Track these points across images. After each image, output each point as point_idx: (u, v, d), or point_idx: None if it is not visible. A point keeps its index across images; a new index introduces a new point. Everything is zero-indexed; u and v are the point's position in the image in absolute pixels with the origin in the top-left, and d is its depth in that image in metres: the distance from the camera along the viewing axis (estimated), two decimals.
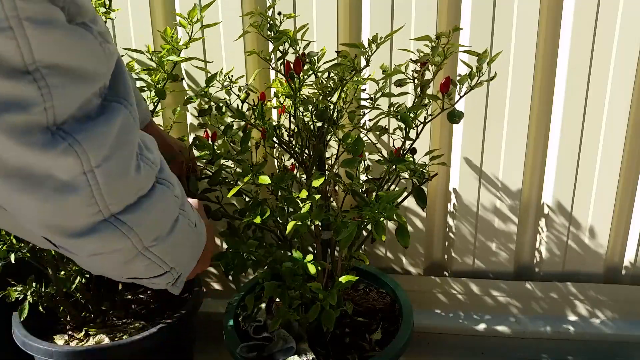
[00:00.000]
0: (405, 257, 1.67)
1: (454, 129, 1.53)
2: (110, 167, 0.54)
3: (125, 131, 0.55)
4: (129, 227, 0.59)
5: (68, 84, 0.50)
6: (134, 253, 0.62)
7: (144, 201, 0.60)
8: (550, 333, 1.64)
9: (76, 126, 0.51)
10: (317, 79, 1.15)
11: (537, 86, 1.47)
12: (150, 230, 0.62)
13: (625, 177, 1.54)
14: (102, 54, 0.53)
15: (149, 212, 0.61)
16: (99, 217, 0.56)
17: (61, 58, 0.48)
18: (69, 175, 0.52)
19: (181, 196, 0.69)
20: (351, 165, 1.09)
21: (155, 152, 0.63)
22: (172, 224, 0.66)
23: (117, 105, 0.55)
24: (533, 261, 1.67)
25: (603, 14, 1.37)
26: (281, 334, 1.21)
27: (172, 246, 0.67)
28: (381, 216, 0.94)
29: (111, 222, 0.57)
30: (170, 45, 1.27)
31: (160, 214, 0.63)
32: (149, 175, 0.61)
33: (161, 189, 0.63)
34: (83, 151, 0.51)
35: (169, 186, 0.65)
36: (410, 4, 1.39)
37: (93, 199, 0.54)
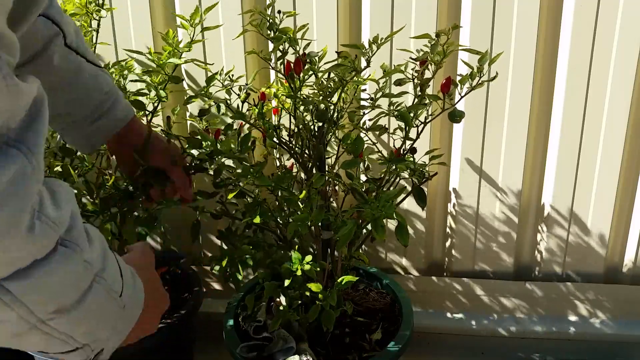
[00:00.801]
0: (405, 257, 1.67)
1: (454, 129, 1.53)
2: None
3: (18, 183, 0.47)
4: (13, 297, 0.50)
5: None
6: (25, 326, 0.53)
7: (39, 266, 0.52)
8: (550, 333, 1.64)
9: None
10: (317, 79, 1.15)
11: (537, 86, 1.47)
12: (45, 301, 0.53)
13: (625, 177, 1.54)
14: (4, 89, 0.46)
15: (45, 280, 0.52)
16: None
17: None
18: None
19: (100, 260, 0.60)
20: (351, 167, 1.09)
21: (64, 209, 0.55)
22: (81, 293, 0.57)
23: (15, 152, 0.48)
24: (533, 261, 1.67)
25: (603, 14, 1.37)
26: (281, 334, 1.21)
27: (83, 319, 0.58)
28: (380, 214, 0.94)
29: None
30: (171, 47, 1.27)
31: (62, 281, 0.54)
32: (47, 236, 0.52)
33: (65, 252, 0.54)
34: None
35: (75, 249, 0.55)
36: (410, 4, 1.39)
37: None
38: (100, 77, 1.05)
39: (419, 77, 1.11)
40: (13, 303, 0.51)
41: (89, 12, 1.32)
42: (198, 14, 1.26)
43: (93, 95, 1.04)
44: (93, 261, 0.59)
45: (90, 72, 1.02)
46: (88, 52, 1.03)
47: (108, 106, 1.06)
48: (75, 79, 1.01)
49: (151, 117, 1.35)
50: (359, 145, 1.09)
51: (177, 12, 1.47)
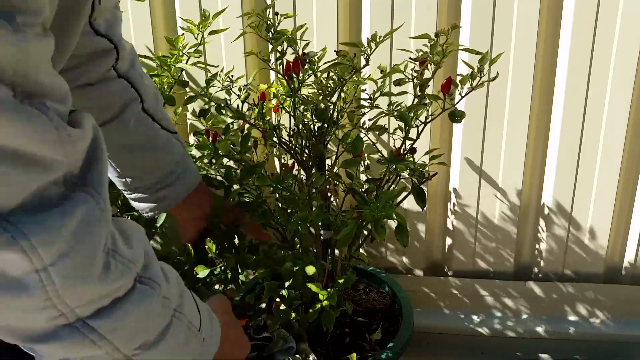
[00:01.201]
0: (406, 257, 1.67)
1: (454, 129, 1.53)
2: (66, 266, 0.48)
3: (89, 225, 0.49)
4: (100, 335, 0.52)
5: (14, 171, 0.44)
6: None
7: (120, 305, 0.54)
8: (550, 333, 1.64)
9: (24, 218, 0.45)
10: (316, 78, 1.15)
11: (537, 86, 1.47)
12: (130, 337, 0.55)
13: (625, 177, 1.54)
14: (58, 139, 0.47)
15: (127, 318, 0.54)
16: (61, 321, 0.50)
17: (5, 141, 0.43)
18: (19, 272, 0.46)
19: (177, 296, 0.62)
20: (351, 166, 1.09)
21: (137, 248, 0.57)
22: (162, 329, 0.59)
23: (82, 196, 0.49)
24: (533, 261, 1.67)
25: (603, 14, 1.37)
26: (281, 334, 1.21)
27: (165, 353, 0.59)
28: (380, 215, 0.94)
29: (78, 327, 0.51)
30: (179, 51, 1.27)
31: (143, 318, 0.56)
32: (123, 274, 0.54)
33: (143, 290, 0.56)
34: (31, 247, 0.45)
35: (154, 287, 0.57)
36: (410, 3, 1.39)
37: (49, 301, 0.48)
38: (173, 145, 1.03)
39: (419, 77, 1.11)
40: (100, 341, 0.52)
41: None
42: (207, 22, 1.26)
43: (163, 163, 1.02)
44: (171, 297, 0.60)
45: (163, 140, 1.01)
46: (164, 118, 1.01)
47: (176, 176, 1.05)
48: (148, 146, 0.99)
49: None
50: (358, 145, 1.09)
51: (177, 14, 1.47)
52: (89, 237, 0.49)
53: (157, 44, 1.50)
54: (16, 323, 0.50)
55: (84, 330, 0.51)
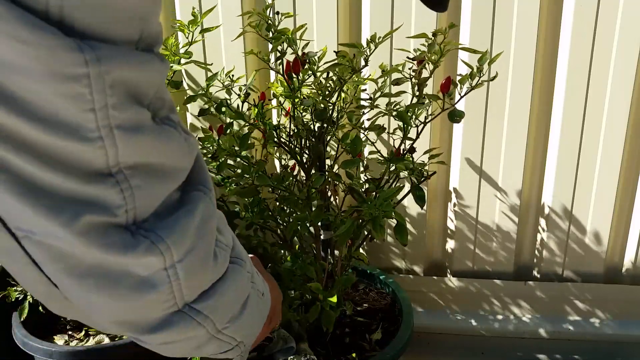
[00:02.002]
0: (405, 257, 1.67)
1: (454, 129, 1.53)
2: (192, 260, 0.51)
3: (206, 219, 0.53)
4: (204, 316, 0.56)
5: (151, 184, 0.48)
6: (207, 338, 0.59)
7: (218, 286, 0.57)
8: (550, 333, 1.64)
9: (158, 223, 0.49)
10: (316, 79, 1.15)
11: (537, 86, 1.47)
12: (224, 313, 0.59)
13: (625, 177, 1.54)
14: (187, 149, 0.51)
15: (224, 296, 0.58)
16: (173, 309, 0.53)
17: (147, 159, 0.47)
18: (148, 272, 0.49)
19: (251, 268, 0.66)
20: (351, 166, 1.09)
21: (227, 232, 0.60)
22: (244, 301, 0.63)
23: (197, 194, 0.53)
24: (533, 261, 1.67)
25: (603, 14, 1.37)
26: (281, 334, 1.21)
27: (244, 322, 0.64)
28: (379, 213, 0.94)
29: (185, 312, 0.54)
30: (170, 52, 1.27)
31: (234, 294, 0.61)
32: (225, 260, 0.58)
33: (234, 269, 0.60)
34: (167, 247, 0.49)
35: (241, 264, 0.61)
36: (410, 3, 1.40)
37: (171, 294, 0.52)
38: None
39: (417, 76, 1.12)
40: (204, 321, 0.56)
41: None
42: (197, 22, 1.25)
43: None
44: (251, 271, 0.64)
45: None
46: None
47: None
48: None
49: None
50: (357, 145, 1.09)
51: (177, 13, 1.47)
52: (207, 231, 0.54)
53: None
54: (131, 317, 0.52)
55: (191, 313, 0.54)
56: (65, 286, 0.48)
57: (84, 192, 0.44)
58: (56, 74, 0.39)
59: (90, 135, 0.42)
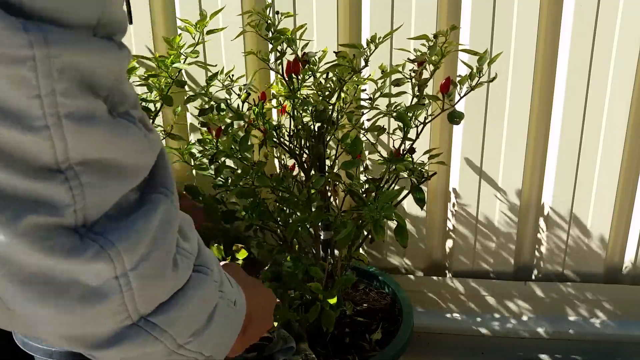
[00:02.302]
0: (406, 257, 1.67)
1: (454, 129, 1.53)
2: (146, 268, 0.47)
3: (166, 225, 0.49)
4: (161, 330, 0.51)
5: (105, 182, 0.44)
6: (165, 354, 0.53)
7: (179, 297, 0.52)
8: (550, 333, 1.64)
9: (109, 225, 0.44)
10: (315, 79, 1.15)
11: (537, 86, 1.47)
12: (186, 327, 0.54)
13: (625, 177, 1.54)
14: (147, 146, 0.47)
15: (185, 308, 0.53)
16: (126, 323, 0.48)
17: (100, 154, 0.43)
18: (98, 281, 0.45)
19: (220, 276, 0.60)
20: (351, 167, 1.09)
21: (192, 238, 0.55)
22: (210, 312, 0.57)
23: (158, 197, 0.48)
24: (533, 261, 1.67)
25: (603, 14, 1.37)
26: (281, 334, 1.21)
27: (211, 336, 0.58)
28: (379, 215, 0.94)
29: (140, 325, 0.49)
30: (176, 51, 1.27)
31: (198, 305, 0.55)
32: (187, 268, 0.53)
33: (198, 278, 0.54)
34: (117, 253, 0.44)
35: (207, 272, 0.56)
36: (410, 4, 1.39)
37: (123, 305, 0.47)
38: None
39: (417, 77, 1.12)
40: (161, 335, 0.51)
41: None
42: (204, 22, 1.25)
43: None
44: (218, 279, 0.59)
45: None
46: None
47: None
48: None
49: (154, 119, 1.35)
50: (357, 145, 1.09)
51: (177, 13, 1.47)
52: (166, 237, 0.49)
53: (157, 44, 1.50)
54: (80, 330, 0.48)
55: (146, 327, 0.50)
56: (7, 295, 0.44)
57: (29, 189, 0.40)
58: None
59: (36, 123, 0.38)
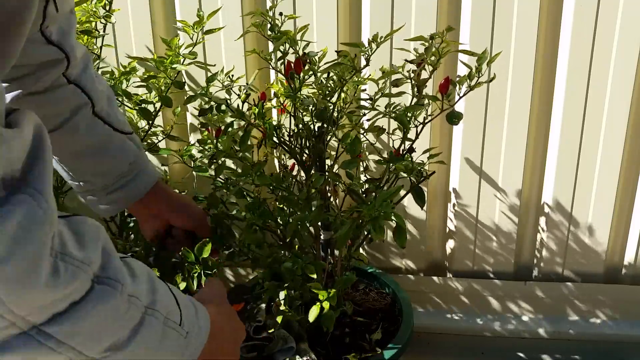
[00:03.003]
0: (406, 257, 1.67)
1: (454, 129, 1.53)
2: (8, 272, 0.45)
3: (28, 228, 0.47)
4: (57, 341, 0.50)
5: None
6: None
7: (77, 308, 0.51)
8: (550, 333, 1.64)
9: None
10: (316, 78, 1.15)
11: (537, 86, 1.47)
12: (93, 340, 0.53)
13: (625, 177, 1.54)
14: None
15: (88, 321, 0.52)
16: (13, 331, 0.48)
17: None
18: None
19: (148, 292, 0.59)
20: (350, 167, 1.09)
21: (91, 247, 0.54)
22: (131, 328, 0.57)
23: (21, 197, 0.47)
24: (533, 261, 1.67)
25: (603, 14, 1.37)
26: (281, 334, 1.21)
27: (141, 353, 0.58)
28: (378, 214, 0.93)
29: (32, 335, 0.49)
30: (174, 52, 1.27)
31: (107, 319, 0.54)
32: (75, 277, 0.51)
33: (103, 290, 0.53)
34: None
35: (115, 286, 0.55)
36: (410, 4, 1.40)
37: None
38: (126, 147, 1.01)
39: (416, 78, 1.12)
40: (59, 347, 0.50)
41: (97, 16, 1.33)
42: (202, 23, 1.25)
43: (115, 167, 1.00)
44: (139, 295, 0.58)
45: (116, 142, 0.99)
46: (117, 120, 1.00)
47: (130, 178, 1.02)
48: (99, 150, 0.98)
49: (154, 119, 1.35)
50: (356, 146, 1.09)
51: (177, 13, 1.47)
52: (30, 240, 0.47)
53: (157, 45, 1.50)
54: None
55: (39, 337, 0.49)
56: None
57: None
58: None
59: None
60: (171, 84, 1.30)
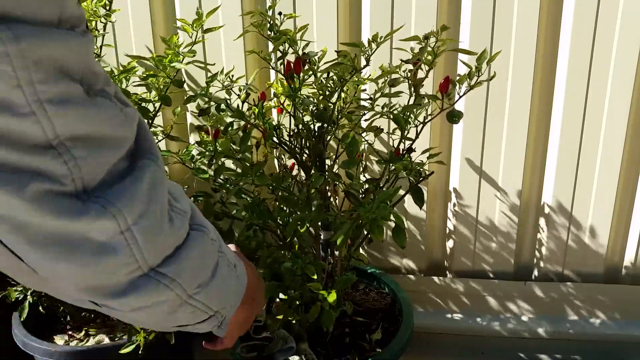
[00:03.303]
0: (406, 257, 1.67)
1: (454, 129, 1.53)
2: (146, 223, 0.54)
3: (156, 185, 0.56)
4: (170, 279, 0.58)
5: (94, 154, 0.50)
6: (178, 303, 0.61)
7: (181, 251, 0.60)
8: (550, 333, 1.64)
9: (107, 190, 0.52)
10: (316, 79, 1.15)
11: (537, 86, 1.47)
12: (192, 277, 0.62)
13: (625, 177, 1.54)
14: (124, 119, 0.54)
15: (189, 260, 0.60)
16: (138, 273, 0.56)
17: (84, 130, 0.49)
18: (106, 237, 0.52)
19: (217, 239, 0.69)
20: (350, 167, 1.09)
21: (183, 200, 0.63)
22: (213, 268, 0.65)
23: (145, 162, 0.55)
24: (533, 261, 1.67)
25: (603, 14, 1.37)
26: (281, 334, 1.21)
27: (216, 290, 0.66)
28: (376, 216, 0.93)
29: (152, 276, 0.57)
30: (173, 50, 1.26)
31: (200, 259, 0.63)
32: (182, 225, 0.60)
33: (196, 235, 0.62)
34: (118, 210, 0.51)
35: (203, 230, 0.64)
36: (410, 4, 1.39)
37: (133, 257, 0.54)
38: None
39: (412, 77, 1.11)
40: (171, 283, 0.58)
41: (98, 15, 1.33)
42: (201, 21, 1.25)
43: None
44: (215, 239, 0.67)
45: None
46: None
47: None
48: None
49: (153, 119, 1.35)
50: (354, 145, 1.09)
51: (177, 13, 1.47)
52: (158, 196, 0.56)
53: (156, 44, 1.50)
54: (95, 282, 0.54)
55: (157, 277, 0.57)
56: (29, 257, 0.50)
57: (28, 164, 0.46)
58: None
59: (22, 110, 0.45)
60: (170, 82, 1.30)
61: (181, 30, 1.29)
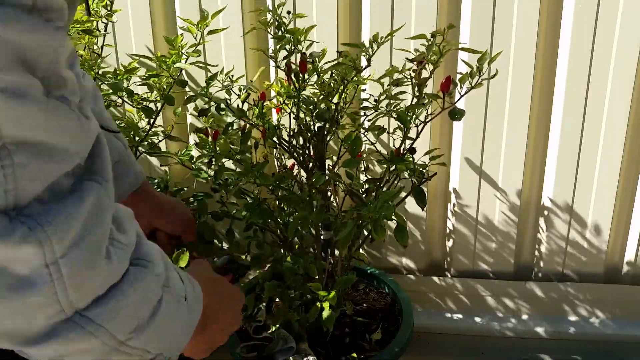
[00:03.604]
0: (406, 257, 1.67)
1: (454, 130, 1.53)
2: (77, 256, 0.46)
3: (97, 212, 0.48)
4: (97, 325, 0.50)
5: (36, 163, 0.43)
6: (106, 351, 0.52)
7: (115, 290, 0.51)
8: (550, 333, 1.64)
9: (40, 208, 0.44)
10: (319, 79, 1.15)
11: (537, 86, 1.47)
12: (125, 322, 0.53)
13: (625, 176, 1.54)
14: (80, 131, 0.48)
15: (123, 302, 0.52)
16: (60, 317, 0.47)
17: (32, 134, 0.43)
18: (28, 269, 0.44)
19: (164, 270, 0.59)
20: (351, 166, 1.09)
21: (129, 230, 0.55)
22: (153, 307, 0.57)
23: (91, 184, 0.48)
24: (533, 261, 1.67)
25: (603, 14, 1.37)
26: (281, 334, 1.21)
27: (155, 332, 0.57)
28: (379, 215, 0.93)
29: (75, 321, 0.48)
30: (178, 51, 1.26)
31: (138, 299, 0.54)
32: (121, 260, 0.52)
33: (136, 271, 0.54)
34: (46, 237, 0.44)
35: (146, 265, 0.55)
36: (410, 3, 1.40)
37: (55, 296, 0.46)
38: (112, 145, 0.98)
39: (416, 77, 1.12)
40: (96, 331, 0.50)
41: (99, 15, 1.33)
42: (206, 21, 1.25)
43: None
44: (160, 273, 0.58)
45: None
46: (103, 118, 0.98)
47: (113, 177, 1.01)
48: None
49: (155, 119, 1.35)
50: (356, 145, 1.09)
51: (177, 13, 1.47)
52: (98, 224, 0.48)
53: (157, 44, 1.50)
54: (12, 326, 0.46)
55: (81, 322, 0.49)
56: None
57: None
58: None
59: None
60: (173, 82, 1.30)
61: (185, 30, 1.29)
